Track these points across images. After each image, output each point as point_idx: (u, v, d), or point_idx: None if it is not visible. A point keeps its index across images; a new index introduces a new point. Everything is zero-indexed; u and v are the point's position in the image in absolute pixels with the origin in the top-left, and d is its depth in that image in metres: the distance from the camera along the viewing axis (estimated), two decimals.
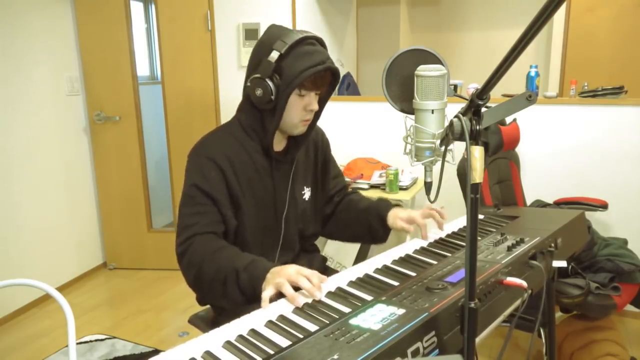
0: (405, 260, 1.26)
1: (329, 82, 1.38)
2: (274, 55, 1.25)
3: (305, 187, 1.51)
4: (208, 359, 0.86)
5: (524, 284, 1.07)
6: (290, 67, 1.26)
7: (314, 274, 1.10)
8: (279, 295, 1.08)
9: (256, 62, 1.30)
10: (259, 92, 1.29)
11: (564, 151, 2.68)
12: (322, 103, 1.43)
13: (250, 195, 1.37)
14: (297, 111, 1.34)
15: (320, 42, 1.34)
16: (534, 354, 2.28)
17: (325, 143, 1.61)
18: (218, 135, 1.40)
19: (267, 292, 1.08)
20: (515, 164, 2.51)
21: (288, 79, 1.26)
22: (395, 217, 1.47)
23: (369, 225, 1.53)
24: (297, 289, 1.07)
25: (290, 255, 1.48)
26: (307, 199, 1.51)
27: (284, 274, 1.10)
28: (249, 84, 1.31)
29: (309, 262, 1.54)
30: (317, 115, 1.44)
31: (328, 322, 0.93)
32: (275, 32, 1.29)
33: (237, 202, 1.35)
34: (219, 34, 3.07)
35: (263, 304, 1.06)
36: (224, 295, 1.21)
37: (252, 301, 1.16)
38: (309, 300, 1.04)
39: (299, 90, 1.31)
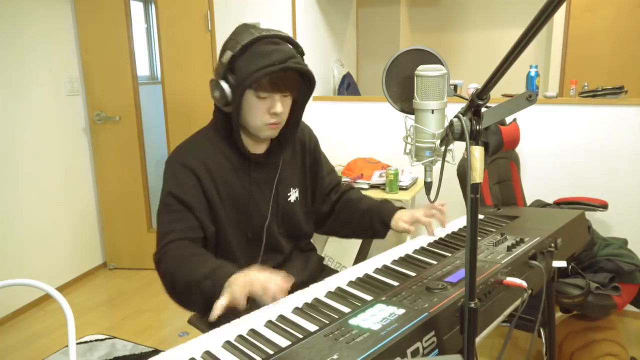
0: (405, 260, 1.26)
1: (296, 83, 1.32)
2: (227, 56, 1.23)
3: (291, 189, 1.47)
4: (208, 359, 0.86)
5: (524, 284, 1.07)
6: (243, 68, 1.22)
7: (271, 280, 1.05)
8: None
9: (217, 64, 1.29)
10: (216, 94, 1.28)
11: (564, 151, 2.67)
12: (300, 105, 1.38)
13: (230, 200, 1.35)
14: (258, 114, 1.29)
15: (287, 40, 1.28)
16: (534, 354, 2.28)
17: (313, 140, 1.56)
18: (194, 140, 1.38)
19: (220, 301, 1.03)
20: (515, 164, 2.50)
21: (239, 80, 1.22)
22: (397, 219, 1.46)
23: (370, 226, 1.51)
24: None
25: (279, 258, 1.46)
26: (293, 200, 1.47)
27: (239, 282, 1.06)
28: (210, 87, 1.30)
29: (305, 261, 1.52)
30: (297, 117, 1.40)
31: (328, 322, 0.93)
32: (235, 32, 1.26)
33: (215, 208, 1.32)
34: (219, 34, 3.07)
35: (213, 314, 1.01)
36: (190, 303, 1.19)
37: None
38: (309, 300, 1.04)
39: (255, 92, 1.26)
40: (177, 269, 1.20)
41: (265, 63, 1.20)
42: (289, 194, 1.47)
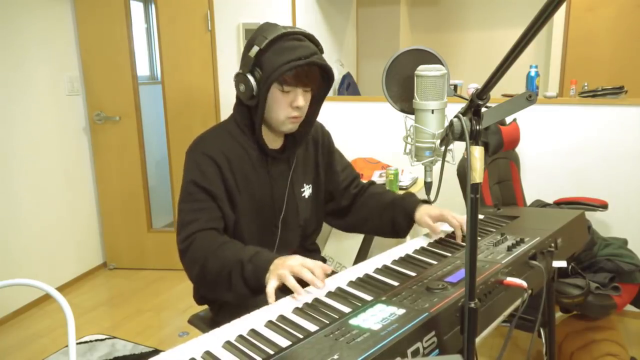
0: (405, 260, 1.26)
1: (317, 79, 1.36)
2: (254, 50, 1.26)
3: (305, 185, 1.50)
4: (208, 359, 0.86)
5: (524, 284, 1.07)
6: (269, 62, 1.25)
7: (317, 266, 1.11)
8: (283, 289, 1.08)
9: (241, 59, 1.32)
10: (241, 87, 1.30)
11: (564, 151, 2.67)
12: (317, 101, 1.41)
13: (247, 192, 1.37)
14: (281, 107, 1.32)
15: (309, 38, 1.32)
16: (534, 354, 2.28)
17: (327, 136, 1.59)
18: (214, 132, 1.40)
19: (271, 284, 1.08)
20: (515, 164, 2.50)
21: (267, 73, 1.26)
22: (423, 214, 1.43)
23: (392, 220, 1.50)
24: (301, 282, 1.07)
25: (288, 254, 1.47)
26: (306, 196, 1.50)
27: (287, 266, 1.11)
28: (234, 80, 1.32)
29: None
30: (314, 114, 1.43)
31: (328, 322, 0.93)
32: (261, 29, 1.30)
33: (233, 198, 1.35)
34: (219, 34, 3.07)
35: (269, 300, 1.05)
36: (229, 289, 1.20)
37: (256, 293, 1.16)
38: (310, 300, 1.04)
39: (280, 85, 1.29)
40: (209, 256, 1.23)
41: (291, 57, 1.24)
42: (302, 190, 1.49)
